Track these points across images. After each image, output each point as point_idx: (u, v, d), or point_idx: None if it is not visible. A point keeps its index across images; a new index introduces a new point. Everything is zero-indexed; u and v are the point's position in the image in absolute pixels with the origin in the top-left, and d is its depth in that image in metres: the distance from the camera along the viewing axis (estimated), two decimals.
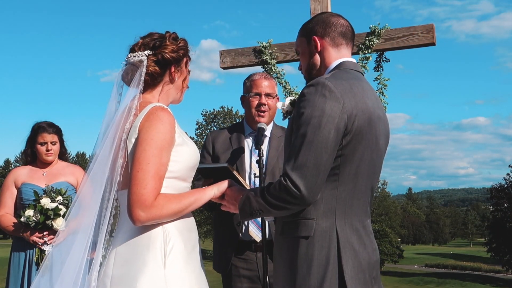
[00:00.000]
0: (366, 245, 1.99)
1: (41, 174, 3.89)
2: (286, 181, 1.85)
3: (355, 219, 1.98)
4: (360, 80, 2.07)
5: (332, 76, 1.99)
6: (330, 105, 1.88)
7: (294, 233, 1.96)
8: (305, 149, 1.86)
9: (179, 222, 2.04)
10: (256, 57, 4.94)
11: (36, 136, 3.87)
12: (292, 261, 1.94)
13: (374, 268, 2.03)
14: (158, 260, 1.94)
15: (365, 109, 1.96)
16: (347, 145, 1.92)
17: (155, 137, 1.95)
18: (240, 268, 3.06)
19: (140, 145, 1.95)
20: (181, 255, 2.00)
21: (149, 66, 2.08)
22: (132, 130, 2.00)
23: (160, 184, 1.96)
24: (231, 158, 3.15)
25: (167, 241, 1.97)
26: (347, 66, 2.10)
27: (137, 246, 1.97)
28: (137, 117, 2.02)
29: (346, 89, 1.94)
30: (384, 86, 4.91)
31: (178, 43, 2.15)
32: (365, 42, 4.67)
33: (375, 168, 2.06)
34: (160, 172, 1.95)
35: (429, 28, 4.47)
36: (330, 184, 1.93)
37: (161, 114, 1.99)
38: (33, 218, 3.59)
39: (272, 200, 1.90)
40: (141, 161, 1.93)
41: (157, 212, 1.93)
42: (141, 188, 1.91)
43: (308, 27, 2.17)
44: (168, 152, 1.98)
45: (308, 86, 1.97)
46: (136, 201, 1.91)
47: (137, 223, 1.93)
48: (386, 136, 2.13)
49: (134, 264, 1.93)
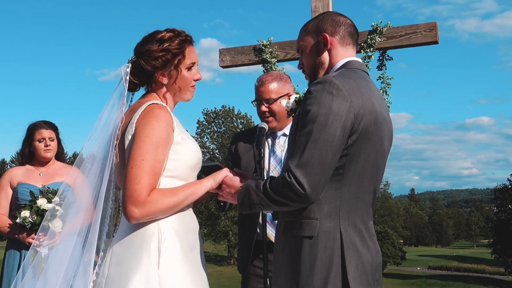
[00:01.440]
0: (369, 247, 1.99)
1: (37, 174, 3.87)
2: (290, 178, 1.85)
3: (359, 220, 1.98)
4: (367, 80, 2.07)
5: (340, 75, 1.99)
6: (338, 103, 1.88)
7: (297, 232, 1.96)
8: (310, 147, 1.85)
9: (176, 222, 2.04)
10: (256, 56, 4.93)
11: (33, 134, 3.86)
12: (295, 261, 1.94)
13: (377, 271, 2.03)
14: (152, 260, 1.94)
15: (371, 109, 1.96)
16: (352, 145, 1.92)
17: (150, 134, 1.96)
18: (257, 268, 3.11)
19: (135, 142, 1.97)
20: (177, 255, 1.99)
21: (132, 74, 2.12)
22: (129, 127, 2.02)
23: (155, 180, 1.96)
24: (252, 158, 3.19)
25: (161, 241, 1.97)
26: (353, 65, 2.10)
27: (131, 246, 1.97)
28: (135, 114, 2.03)
29: (353, 88, 1.94)
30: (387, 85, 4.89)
31: (164, 47, 2.10)
32: (367, 41, 4.66)
33: (378, 170, 2.06)
34: (155, 168, 1.95)
35: (432, 26, 4.46)
36: (334, 184, 1.93)
37: (157, 111, 2.00)
38: (29, 219, 3.57)
39: (273, 195, 1.90)
40: (135, 158, 1.94)
41: (152, 208, 1.93)
42: (135, 184, 1.91)
43: (316, 25, 2.15)
44: (164, 150, 1.98)
45: (315, 83, 1.96)
46: (130, 197, 1.91)
47: (131, 220, 1.93)
48: (390, 138, 2.13)
49: (128, 264, 1.94)
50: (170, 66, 2.13)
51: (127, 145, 2.02)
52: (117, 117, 2.08)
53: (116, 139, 2.05)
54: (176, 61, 2.13)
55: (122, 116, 2.08)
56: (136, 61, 2.13)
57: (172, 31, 2.15)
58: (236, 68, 5.16)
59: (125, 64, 2.13)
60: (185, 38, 2.16)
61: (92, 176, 2.05)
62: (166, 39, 2.11)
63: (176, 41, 2.13)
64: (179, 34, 2.15)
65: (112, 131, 2.06)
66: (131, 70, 2.12)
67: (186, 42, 2.16)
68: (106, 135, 2.07)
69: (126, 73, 2.11)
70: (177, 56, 2.13)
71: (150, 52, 2.10)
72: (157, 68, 2.11)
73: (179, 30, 2.17)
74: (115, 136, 2.05)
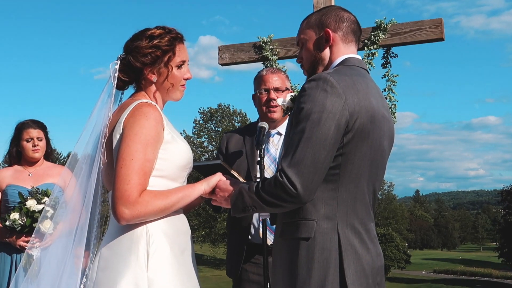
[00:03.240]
0: (369, 249, 1.99)
1: (27, 174, 3.88)
2: (282, 178, 1.85)
3: (358, 221, 1.98)
4: (364, 77, 2.06)
5: (335, 72, 1.99)
6: (331, 100, 1.88)
7: (294, 234, 1.96)
8: (303, 146, 1.86)
9: (165, 224, 2.04)
10: (256, 53, 4.93)
11: (21, 134, 3.86)
12: (292, 263, 1.94)
13: (378, 274, 2.03)
14: (141, 263, 1.94)
15: (368, 106, 1.95)
16: (348, 144, 1.92)
17: (139, 133, 1.96)
18: (250, 272, 3.08)
19: (124, 141, 1.97)
20: (166, 257, 1.99)
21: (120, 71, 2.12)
22: (117, 126, 2.02)
23: (145, 180, 1.96)
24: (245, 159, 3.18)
25: (150, 243, 1.97)
26: (351, 62, 2.10)
27: (119, 249, 1.97)
28: (123, 113, 2.03)
29: (348, 85, 1.94)
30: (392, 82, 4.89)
31: (154, 43, 2.11)
32: (370, 37, 4.66)
33: (377, 170, 2.06)
34: (145, 168, 1.95)
35: (437, 22, 4.46)
36: (331, 184, 1.93)
37: (146, 109, 2.01)
38: (19, 222, 3.56)
39: (266, 197, 1.90)
40: (124, 157, 1.94)
41: (142, 209, 1.93)
42: (124, 184, 1.91)
43: (319, 19, 2.15)
44: (154, 148, 1.99)
45: (309, 80, 1.97)
46: (120, 198, 1.91)
47: (121, 221, 1.93)
48: (390, 137, 2.13)
49: (116, 267, 1.94)
50: (159, 63, 2.13)
51: (115, 144, 2.01)
52: (105, 116, 2.08)
53: (104, 137, 2.05)
54: (166, 58, 2.14)
55: (109, 114, 2.09)
56: (125, 58, 2.14)
57: (163, 28, 2.16)
58: (236, 66, 5.17)
59: (114, 62, 2.14)
60: (175, 35, 2.17)
61: (80, 177, 2.06)
62: (156, 35, 2.12)
63: (167, 38, 2.14)
64: (170, 32, 2.16)
65: (101, 130, 2.07)
66: (120, 67, 2.13)
67: (177, 40, 2.17)
68: (95, 135, 2.07)
69: (115, 70, 2.12)
70: (167, 53, 2.14)
71: (140, 48, 2.10)
72: (146, 64, 2.12)
73: (170, 28, 2.19)
74: (103, 134, 2.06)
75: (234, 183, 2.11)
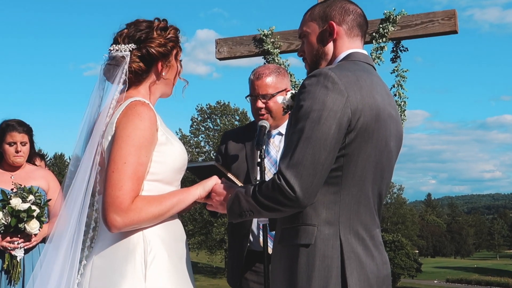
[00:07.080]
0: (374, 257, 1.98)
1: (8, 177, 3.89)
2: (280, 180, 1.84)
3: (361, 227, 1.97)
4: (370, 73, 2.05)
5: (337, 67, 1.99)
6: (332, 98, 1.87)
7: (294, 240, 1.95)
8: (302, 146, 1.85)
9: (162, 230, 2.03)
10: (256, 47, 4.92)
11: (4, 135, 3.86)
12: (291, 271, 1.93)
13: (384, 284, 2.02)
14: (138, 273, 1.92)
15: (372, 104, 1.94)
16: (350, 144, 1.91)
17: (132, 134, 1.94)
18: (250, 281, 3.08)
19: (116, 143, 1.95)
20: (165, 266, 1.98)
21: (133, 63, 2.08)
22: (109, 127, 2.00)
23: (138, 185, 1.95)
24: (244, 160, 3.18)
25: (148, 251, 1.96)
26: (356, 57, 2.09)
27: (115, 258, 1.96)
28: (115, 112, 2.02)
29: (351, 81, 1.93)
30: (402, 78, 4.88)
31: (166, 35, 2.14)
32: (379, 30, 4.65)
33: (383, 172, 2.05)
34: (138, 172, 1.94)
35: (450, 14, 4.45)
36: (332, 187, 1.93)
37: (140, 109, 1.99)
38: (2, 222, 3.56)
39: (263, 201, 1.90)
40: (116, 161, 1.92)
41: (135, 217, 1.91)
42: (116, 190, 1.90)
43: (323, 11, 2.14)
44: (147, 151, 1.97)
45: (309, 76, 1.96)
46: (111, 204, 1.90)
47: (113, 230, 1.92)
48: (397, 138, 2.11)
49: (111, 278, 1.92)
50: (170, 57, 2.17)
51: (107, 146, 2.00)
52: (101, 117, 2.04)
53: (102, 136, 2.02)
54: (175, 51, 2.18)
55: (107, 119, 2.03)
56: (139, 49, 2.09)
57: (164, 21, 2.19)
58: (234, 61, 5.15)
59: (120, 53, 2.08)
60: (178, 29, 2.22)
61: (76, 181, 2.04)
62: (164, 28, 2.16)
63: (173, 30, 2.18)
64: (172, 26, 2.20)
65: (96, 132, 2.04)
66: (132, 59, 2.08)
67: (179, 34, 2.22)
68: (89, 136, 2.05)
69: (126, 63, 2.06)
70: (175, 47, 2.18)
71: (153, 39, 2.11)
72: (161, 57, 2.13)
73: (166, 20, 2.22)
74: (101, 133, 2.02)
75: (231, 186, 2.10)
